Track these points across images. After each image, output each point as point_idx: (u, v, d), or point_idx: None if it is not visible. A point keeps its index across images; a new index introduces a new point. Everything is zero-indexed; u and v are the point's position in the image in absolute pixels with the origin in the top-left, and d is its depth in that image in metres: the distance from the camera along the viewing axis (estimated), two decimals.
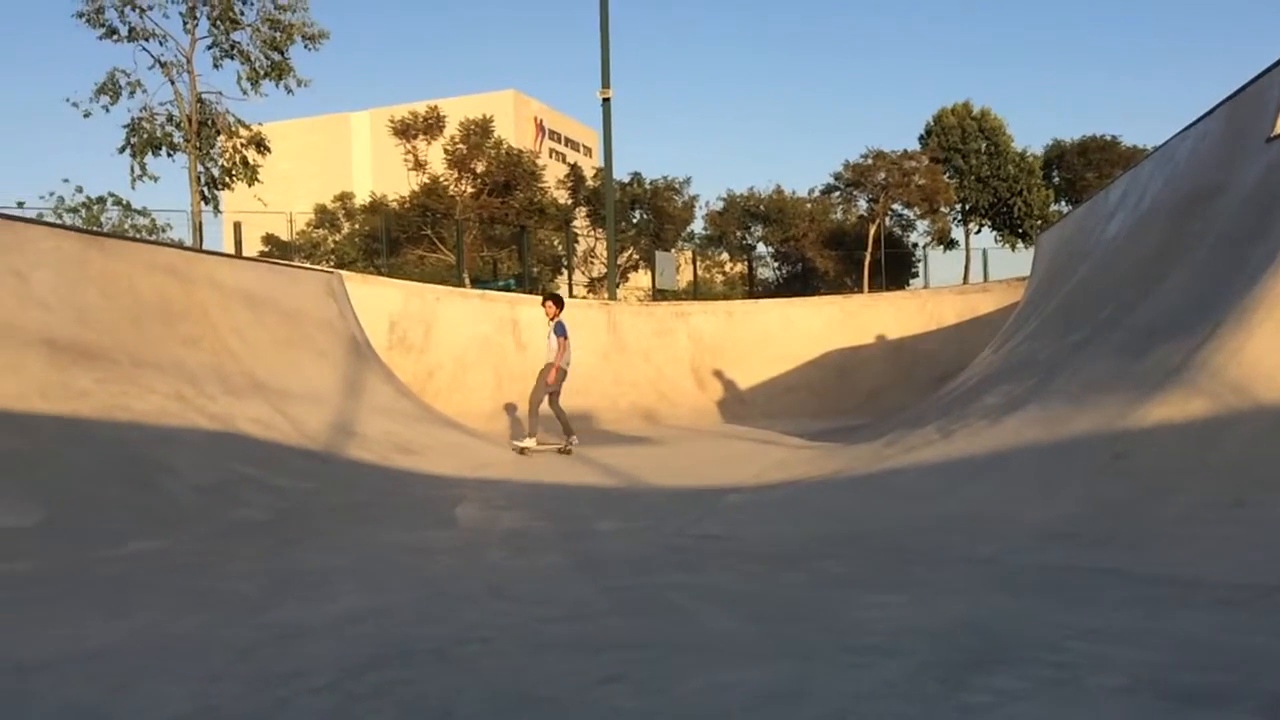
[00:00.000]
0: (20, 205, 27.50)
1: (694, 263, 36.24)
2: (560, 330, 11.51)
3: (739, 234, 41.55)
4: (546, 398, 11.51)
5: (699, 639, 3.40)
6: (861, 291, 33.60)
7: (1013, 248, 42.39)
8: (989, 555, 4.66)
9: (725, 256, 42.29)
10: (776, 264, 41.98)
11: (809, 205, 40.69)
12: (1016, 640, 3.18)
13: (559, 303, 11.90)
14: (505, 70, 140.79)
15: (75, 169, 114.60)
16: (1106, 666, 2.83)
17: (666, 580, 4.49)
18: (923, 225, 41.31)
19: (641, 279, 36.66)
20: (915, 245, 41.67)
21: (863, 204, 40.21)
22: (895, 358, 18.04)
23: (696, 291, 34.40)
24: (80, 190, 32.40)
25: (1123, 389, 5.98)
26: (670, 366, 18.55)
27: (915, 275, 40.53)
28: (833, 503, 6.80)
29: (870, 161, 38.17)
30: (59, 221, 24.80)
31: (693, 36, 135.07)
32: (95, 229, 28.13)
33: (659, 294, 29.09)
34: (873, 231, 37.53)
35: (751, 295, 34.27)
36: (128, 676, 3.06)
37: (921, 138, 43.40)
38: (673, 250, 33.65)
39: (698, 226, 40.79)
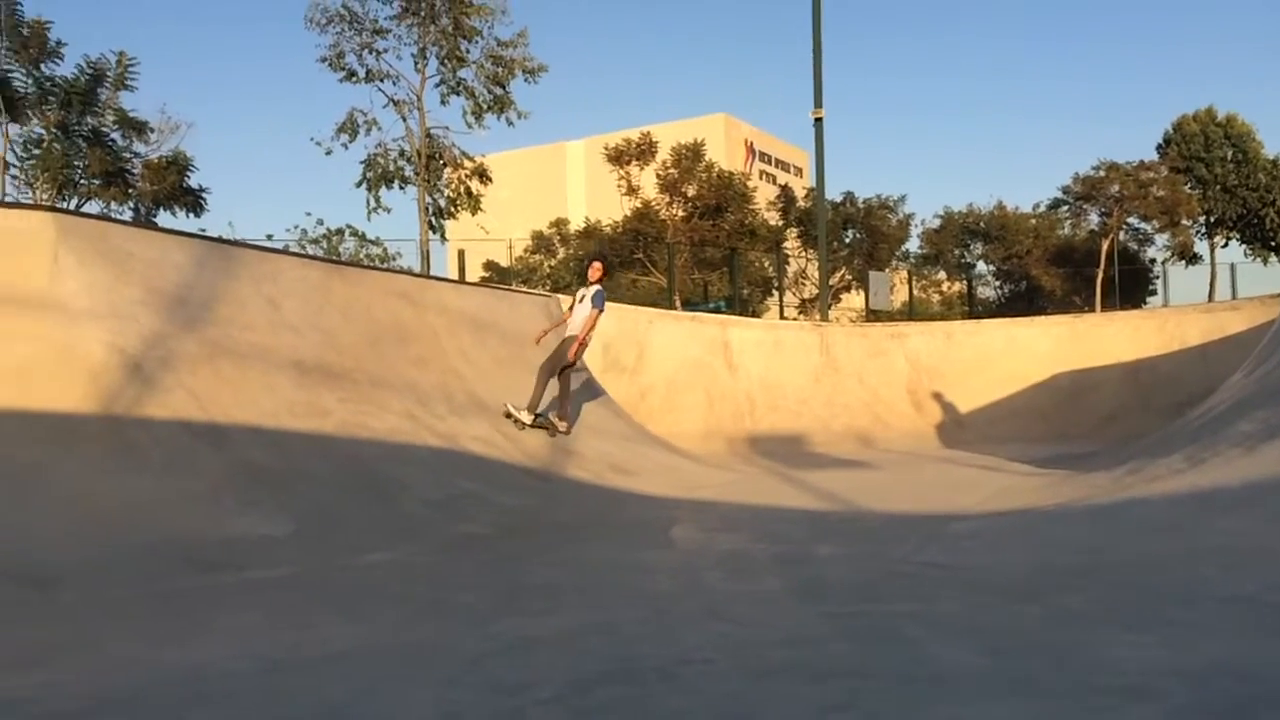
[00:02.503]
0: (269, 238, 29.79)
1: (909, 282, 35.25)
2: (599, 300, 10.38)
3: (957, 252, 40.02)
4: (559, 371, 10.36)
5: (929, 670, 3.25)
6: (1093, 310, 31.69)
7: (1265, 262, 38.88)
8: (1249, 593, 4.25)
9: (942, 275, 40.88)
10: (998, 283, 40.21)
11: (1033, 221, 38.73)
12: None
13: (607, 266, 11.04)
14: (716, 94, 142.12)
15: (316, 201, 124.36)
16: None
17: (891, 608, 4.34)
18: (1162, 239, 38.40)
19: (854, 300, 35.96)
20: (1153, 261, 38.86)
21: (1094, 218, 37.84)
22: (1132, 381, 16.90)
23: (912, 312, 33.45)
24: (321, 222, 34.62)
25: None
26: (885, 389, 18.08)
27: (1153, 293, 37.75)
28: (1069, 533, 6.40)
29: (1102, 173, 35.85)
30: (304, 252, 26.76)
31: (908, 53, 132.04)
32: (336, 258, 30.24)
33: (873, 315, 28.47)
34: (1105, 247, 35.29)
35: (971, 315, 32.95)
36: (374, 679, 3.22)
37: (1159, 147, 40.52)
38: (887, 270, 32.81)
39: (913, 245, 39.57)
